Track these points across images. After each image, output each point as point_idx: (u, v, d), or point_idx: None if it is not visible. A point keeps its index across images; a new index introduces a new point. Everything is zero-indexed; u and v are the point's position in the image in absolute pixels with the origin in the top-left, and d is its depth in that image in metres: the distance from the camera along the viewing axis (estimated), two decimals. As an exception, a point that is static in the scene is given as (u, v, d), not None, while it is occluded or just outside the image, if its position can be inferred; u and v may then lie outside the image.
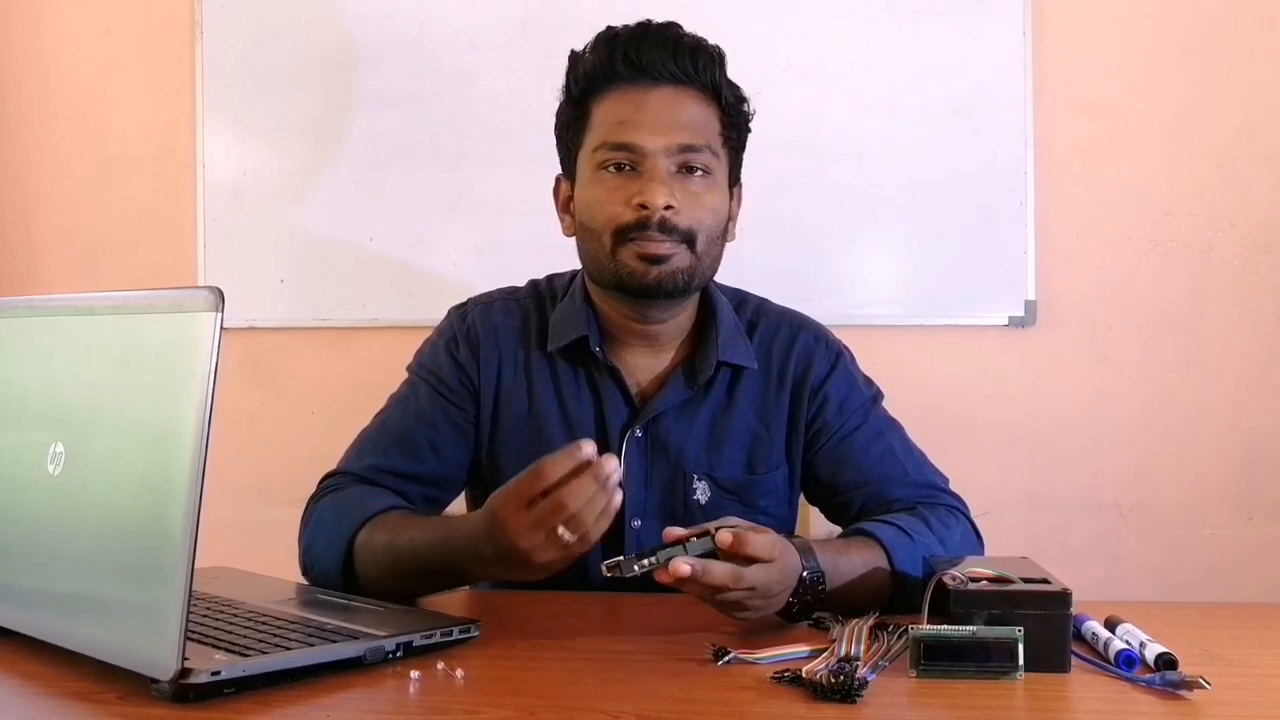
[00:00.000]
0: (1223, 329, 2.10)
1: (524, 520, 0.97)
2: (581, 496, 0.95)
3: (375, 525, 1.17)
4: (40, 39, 2.31)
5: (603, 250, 1.25)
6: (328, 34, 2.20)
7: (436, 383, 1.34)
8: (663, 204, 1.21)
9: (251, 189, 2.23)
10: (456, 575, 1.09)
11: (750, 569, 0.97)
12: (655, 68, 1.24)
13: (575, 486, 0.95)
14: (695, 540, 0.97)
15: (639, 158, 1.24)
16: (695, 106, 1.26)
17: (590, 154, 1.27)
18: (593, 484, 0.95)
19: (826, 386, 1.35)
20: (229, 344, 2.06)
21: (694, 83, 1.26)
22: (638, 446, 1.31)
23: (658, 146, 1.23)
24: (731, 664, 0.93)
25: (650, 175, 1.23)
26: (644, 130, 1.23)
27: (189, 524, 0.78)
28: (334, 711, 0.83)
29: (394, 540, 1.15)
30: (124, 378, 0.87)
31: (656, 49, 1.24)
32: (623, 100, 1.26)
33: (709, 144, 1.26)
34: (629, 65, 1.25)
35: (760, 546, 0.98)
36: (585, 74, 1.28)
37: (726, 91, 1.28)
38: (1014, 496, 2.12)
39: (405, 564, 1.13)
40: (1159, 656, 0.91)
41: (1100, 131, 2.10)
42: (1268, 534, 2.10)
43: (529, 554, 0.98)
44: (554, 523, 0.95)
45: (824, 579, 1.07)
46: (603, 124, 1.26)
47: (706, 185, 1.26)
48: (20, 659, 0.93)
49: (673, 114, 1.25)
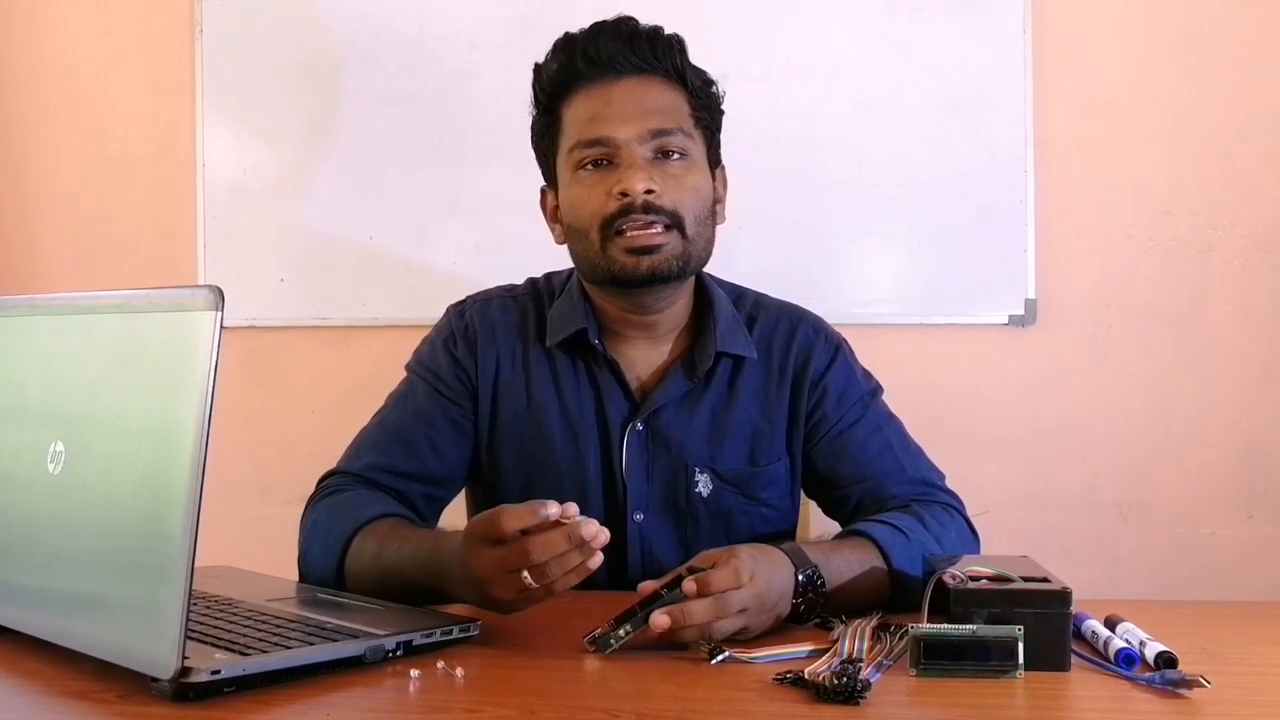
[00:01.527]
0: (1223, 328, 2.10)
1: (488, 556, 0.97)
2: (549, 551, 0.94)
3: (367, 533, 1.18)
4: (40, 38, 2.31)
5: (592, 248, 1.25)
6: (328, 32, 2.20)
7: (435, 381, 1.34)
8: (642, 189, 1.22)
9: (251, 187, 2.23)
10: (438, 593, 1.09)
11: (732, 595, 0.97)
12: (616, 61, 1.25)
13: (543, 540, 0.94)
14: (666, 593, 0.97)
15: (613, 150, 1.24)
16: (661, 92, 1.27)
17: (567, 156, 1.28)
18: (564, 542, 0.94)
19: (826, 379, 1.35)
20: (229, 343, 2.06)
21: (656, 70, 1.27)
22: (638, 440, 1.31)
23: (630, 135, 1.24)
24: (727, 663, 0.93)
25: (627, 164, 1.23)
26: (614, 122, 1.24)
27: (189, 523, 0.78)
28: (334, 710, 0.83)
29: (381, 551, 1.15)
30: (124, 376, 0.87)
31: (614, 42, 1.25)
32: (589, 98, 1.27)
33: (680, 127, 1.26)
34: (589, 63, 1.26)
35: (724, 579, 0.97)
36: (550, 80, 1.29)
37: (691, 75, 1.29)
38: (1014, 495, 2.12)
39: (390, 577, 1.13)
40: (1159, 655, 0.91)
41: (1100, 130, 2.10)
42: (1267, 532, 2.10)
43: (487, 588, 0.98)
44: (517, 566, 0.95)
45: (821, 576, 1.07)
46: (574, 124, 1.27)
47: (685, 167, 1.26)
48: (20, 658, 0.93)
49: (639, 102, 1.25)
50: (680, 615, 0.95)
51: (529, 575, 0.94)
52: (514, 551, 0.95)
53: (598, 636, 0.96)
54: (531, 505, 0.95)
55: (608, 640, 0.95)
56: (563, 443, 1.32)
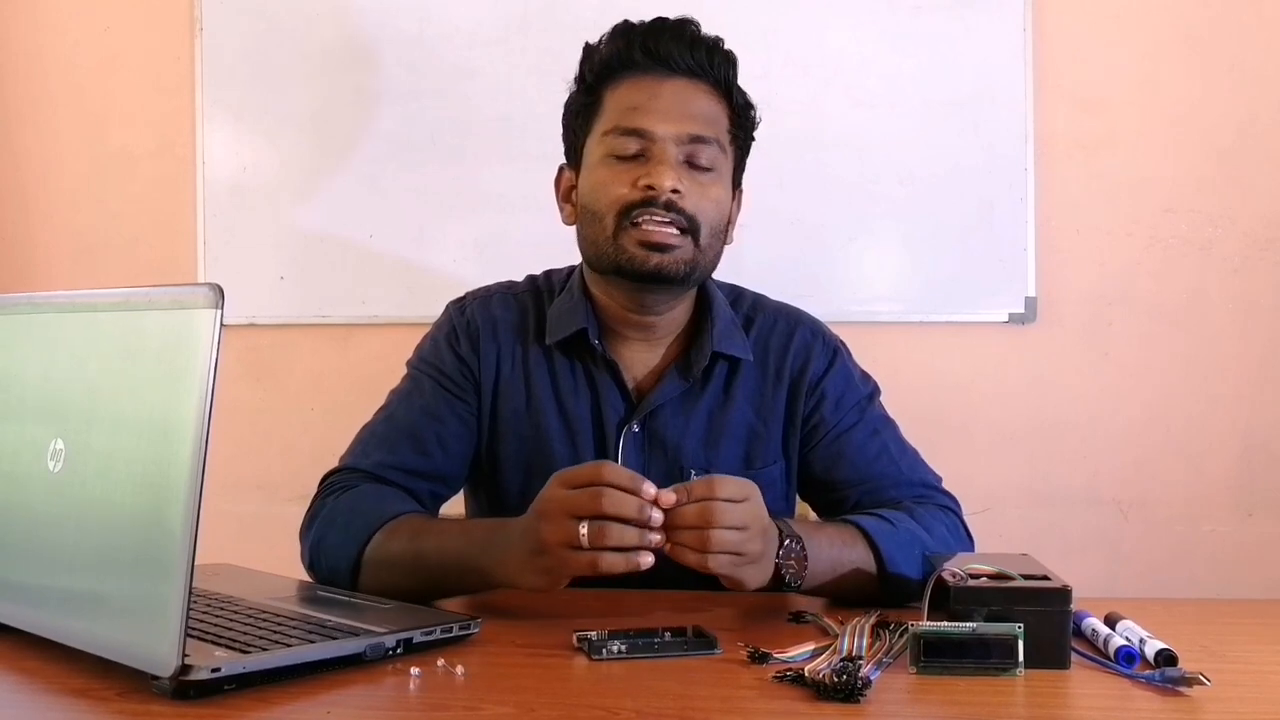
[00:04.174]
0: (1223, 325, 2.10)
1: (560, 494, 0.99)
2: (618, 507, 0.96)
3: (394, 528, 1.17)
4: (40, 35, 2.30)
5: (604, 233, 1.25)
6: (328, 30, 2.20)
7: (440, 377, 1.34)
8: (669, 186, 1.22)
9: (252, 185, 2.23)
10: (479, 576, 1.09)
11: (734, 507, 0.99)
12: (672, 58, 1.26)
13: (617, 496, 0.96)
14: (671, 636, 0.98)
15: (649, 143, 1.25)
16: (707, 100, 1.28)
17: (600, 139, 1.28)
18: (635, 508, 0.96)
19: (824, 382, 1.35)
20: (229, 340, 2.06)
21: (708, 77, 1.28)
22: (634, 441, 1.31)
23: (669, 133, 1.24)
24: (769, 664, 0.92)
25: (659, 159, 1.24)
26: (656, 117, 1.25)
27: (189, 520, 0.78)
28: (334, 708, 0.83)
29: (418, 542, 1.15)
30: (124, 374, 0.87)
31: (674, 41, 1.26)
32: (637, 88, 1.27)
33: (718, 138, 1.27)
34: (646, 54, 1.26)
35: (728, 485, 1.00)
36: (600, 61, 1.29)
37: (736, 93, 1.30)
38: (1014, 493, 2.12)
39: (428, 564, 1.13)
40: (1159, 653, 0.91)
41: (1100, 127, 2.10)
42: (1267, 530, 2.10)
43: (542, 526, 0.99)
44: (584, 512, 0.96)
45: (802, 544, 1.09)
46: (615, 109, 1.27)
47: (712, 179, 1.27)
48: (20, 656, 0.93)
49: (685, 104, 1.26)
50: (684, 494, 0.98)
51: (586, 529, 0.96)
52: (587, 494, 0.97)
53: (593, 641, 0.95)
54: (637, 474, 0.98)
55: (600, 648, 0.94)
56: (560, 443, 1.32)
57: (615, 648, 0.94)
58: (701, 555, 0.99)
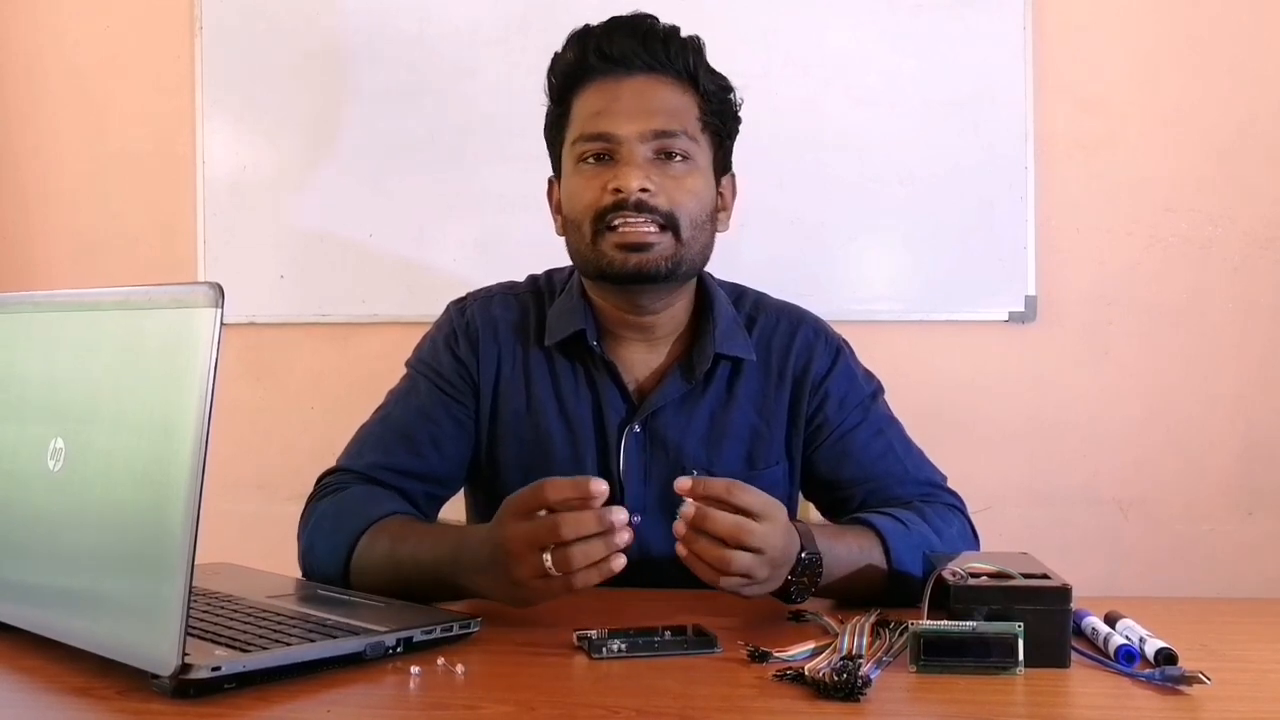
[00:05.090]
0: (1223, 325, 2.10)
1: (518, 530, 0.97)
2: (577, 529, 0.94)
3: (377, 530, 1.17)
4: (39, 35, 2.31)
5: (584, 240, 1.26)
6: (328, 29, 2.20)
7: (437, 378, 1.34)
8: (636, 186, 1.22)
9: (251, 184, 2.23)
10: (456, 586, 1.08)
11: (756, 527, 0.98)
12: (627, 57, 1.26)
13: (574, 518, 0.94)
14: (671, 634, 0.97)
15: (614, 146, 1.24)
16: (670, 93, 1.27)
17: (570, 147, 1.28)
18: (593, 523, 0.94)
19: (827, 382, 1.34)
20: (229, 340, 2.06)
21: (668, 70, 1.27)
22: (636, 442, 1.31)
23: (631, 133, 1.24)
24: (769, 663, 0.92)
25: (626, 161, 1.23)
26: (618, 118, 1.24)
27: (189, 519, 0.78)
28: (334, 707, 0.83)
29: (397, 546, 1.14)
30: (124, 373, 0.87)
31: (628, 39, 1.26)
32: (598, 92, 1.27)
33: (685, 129, 1.26)
34: (601, 57, 1.26)
35: (754, 498, 0.98)
36: (562, 71, 1.29)
37: (705, 79, 1.28)
38: (1014, 492, 2.12)
39: (405, 571, 1.12)
40: (1159, 652, 0.91)
41: (1100, 127, 2.10)
42: (1267, 529, 2.10)
43: (510, 565, 0.97)
44: (545, 543, 0.94)
45: (820, 562, 1.07)
46: (580, 117, 1.27)
47: (687, 169, 1.26)
48: (20, 654, 0.93)
49: (646, 101, 1.25)
50: (702, 513, 0.96)
51: (550, 559, 0.94)
52: (543, 526, 0.95)
53: (593, 640, 0.95)
54: (577, 479, 0.95)
55: (600, 647, 0.94)
56: (561, 444, 1.31)
57: (615, 647, 0.94)
58: (715, 574, 0.98)
